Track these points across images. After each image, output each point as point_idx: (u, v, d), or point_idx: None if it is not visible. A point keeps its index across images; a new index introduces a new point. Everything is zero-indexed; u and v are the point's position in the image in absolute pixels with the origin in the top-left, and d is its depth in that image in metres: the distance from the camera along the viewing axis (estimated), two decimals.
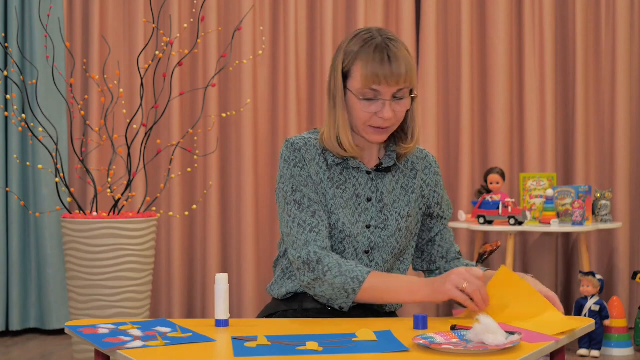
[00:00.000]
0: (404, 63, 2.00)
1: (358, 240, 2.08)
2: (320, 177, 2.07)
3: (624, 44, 5.04)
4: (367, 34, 2.05)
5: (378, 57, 1.99)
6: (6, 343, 4.73)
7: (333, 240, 2.07)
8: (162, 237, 5.06)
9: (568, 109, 5.15)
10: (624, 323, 4.42)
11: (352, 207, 2.09)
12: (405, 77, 2.00)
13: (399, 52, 2.01)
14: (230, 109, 5.04)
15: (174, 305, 5.04)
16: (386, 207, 2.11)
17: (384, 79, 1.98)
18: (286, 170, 2.06)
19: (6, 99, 4.74)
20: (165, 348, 1.69)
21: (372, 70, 1.98)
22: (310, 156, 2.07)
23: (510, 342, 1.63)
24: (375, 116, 2.02)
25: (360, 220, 2.09)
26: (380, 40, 2.02)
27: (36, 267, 4.92)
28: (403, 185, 2.15)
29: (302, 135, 2.12)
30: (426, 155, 2.21)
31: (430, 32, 5.08)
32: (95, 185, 4.22)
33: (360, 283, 1.96)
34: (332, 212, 2.06)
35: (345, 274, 1.96)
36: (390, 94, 2.01)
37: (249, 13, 4.97)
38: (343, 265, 1.98)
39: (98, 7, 4.99)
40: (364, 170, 2.11)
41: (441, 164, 5.13)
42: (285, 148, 2.08)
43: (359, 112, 2.03)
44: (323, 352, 1.63)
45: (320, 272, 1.98)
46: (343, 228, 2.06)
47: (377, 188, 2.11)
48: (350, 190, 2.09)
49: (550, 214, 4.60)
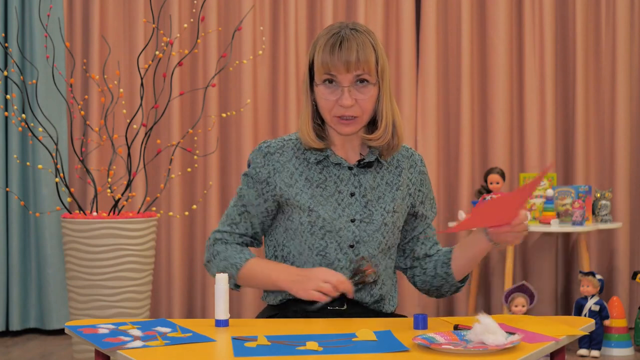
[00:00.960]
0: (356, 50, 2.02)
1: (341, 235, 2.09)
2: (294, 178, 2.10)
3: (624, 44, 5.04)
4: (336, 27, 2.08)
5: (330, 44, 2.03)
6: (6, 343, 4.73)
7: (314, 238, 2.08)
8: (162, 237, 5.06)
9: (568, 109, 5.15)
10: (624, 323, 4.42)
11: (333, 203, 2.10)
12: (357, 63, 2.01)
13: (356, 40, 2.03)
14: (230, 109, 5.04)
15: (174, 305, 5.04)
16: (370, 203, 2.11)
17: (332, 65, 2.02)
18: (249, 170, 2.14)
19: (6, 99, 4.74)
20: (165, 348, 1.70)
21: (323, 57, 2.03)
22: (285, 158, 2.11)
23: (510, 342, 1.63)
24: (337, 105, 2.04)
25: (343, 215, 2.09)
26: (340, 30, 2.05)
27: (36, 267, 4.92)
28: (388, 181, 2.15)
29: (284, 137, 2.16)
30: (412, 154, 2.21)
31: (430, 32, 5.08)
32: (95, 185, 4.22)
33: (237, 270, 2.10)
34: (311, 210, 2.08)
35: (227, 259, 2.12)
36: (347, 80, 2.03)
37: (249, 13, 4.97)
38: (228, 251, 2.13)
39: (98, 7, 4.99)
40: (345, 166, 2.12)
41: (441, 164, 5.13)
42: (255, 151, 2.14)
43: (321, 100, 2.06)
44: (323, 352, 1.63)
45: (211, 255, 2.16)
46: (323, 224, 2.08)
47: (360, 183, 2.12)
48: (331, 187, 2.11)
49: (550, 214, 4.60)
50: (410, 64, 5.09)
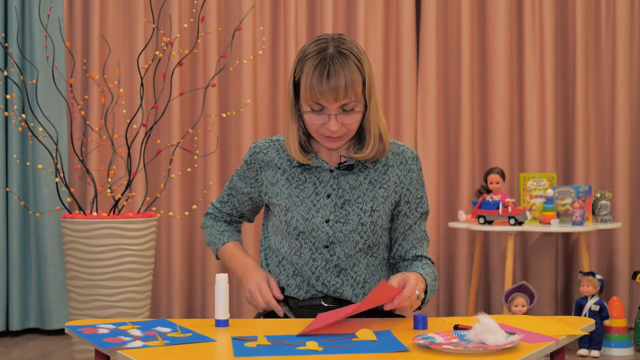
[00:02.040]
0: (344, 78, 2.01)
1: (315, 235, 2.11)
2: (277, 178, 2.17)
3: (624, 44, 5.04)
4: (322, 43, 2.06)
5: (318, 73, 2.02)
6: (6, 343, 4.73)
7: (289, 238, 2.13)
8: (162, 237, 5.06)
9: (568, 109, 5.15)
10: (624, 323, 4.42)
11: (308, 204, 2.13)
12: (345, 92, 2.01)
13: (343, 66, 2.02)
14: (230, 109, 5.04)
15: (174, 305, 5.04)
16: (348, 203, 2.12)
17: (321, 95, 2.02)
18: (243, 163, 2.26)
19: (6, 99, 4.74)
20: (165, 348, 1.70)
21: (311, 86, 2.02)
22: (269, 158, 2.19)
23: (510, 342, 1.63)
24: (323, 127, 2.06)
25: (317, 216, 2.11)
26: (327, 53, 2.03)
27: (36, 267, 4.92)
28: (372, 180, 2.15)
29: (272, 138, 2.24)
30: (403, 150, 2.19)
31: (430, 32, 5.08)
32: (95, 185, 4.22)
33: (216, 249, 2.32)
34: (288, 210, 2.14)
35: (212, 235, 2.34)
36: (334, 108, 2.04)
37: (249, 13, 4.97)
38: (213, 227, 2.34)
39: (98, 7, 4.99)
40: (326, 168, 2.14)
41: (441, 164, 5.13)
42: (248, 151, 2.25)
43: (308, 123, 2.09)
44: (323, 352, 1.63)
45: (204, 225, 2.39)
46: (297, 225, 2.12)
47: (339, 185, 2.14)
48: (309, 189, 2.14)
49: (550, 214, 4.60)
50: (410, 64, 5.09)
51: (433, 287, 2.14)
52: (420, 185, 2.20)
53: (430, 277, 2.12)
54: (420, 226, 2.20)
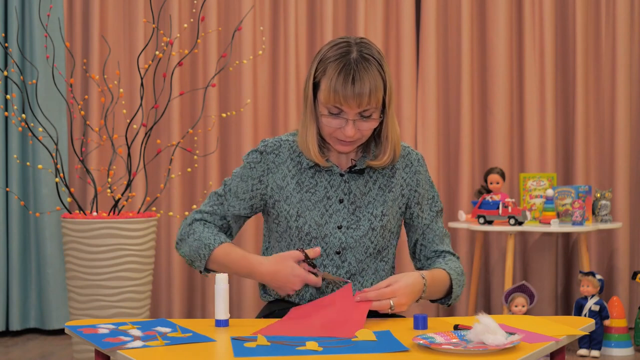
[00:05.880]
0: (368, 84, 1.99)
1: (327, 242, 2.10)
2: (287, 181, 2.12)
3: (624, 44, 5.04)
4: (344, 47, 2.05)
5: (342, 77, 2.00)
6: (6, 343, 4.73)
7: (301, 243, 2.10)
8: (162, 237, 5.06)
9: (568, 109, 5.15)
10: (624, 323, 4.42)
11: (321, 209, 2.11)
12: (369, 99, 2.00)
13: (367, 72, 2.00)
14: (230, 109, 5.04)
15: (174, 305, 5.04)
16: (359, 209, 2.12)
17: (344, 100, 2.00)
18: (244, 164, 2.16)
19: (6, 99, 4.74)
20: (165, 348, 1.70)
21: (334, 90, 2.00)
22: (280, 160, 2.13)
23: (510, 342, 1.63)
24: (339, 130, 2.05)
25: (330, 222, 2.10)
26: (351, 58, 2.02)
27: (36, 267, 4.92)
28: (380, 185, 2.15)
29: (281, 136, 2.17)
30: (408, 152, 2.19)
31: (430, 32, 5.08)
32: (95, 185, 4.23)
33: (210, 250, 2.09)
34: (299, 216, 2.10)
35: (201, 239, 2.11)
36: (354, 113, 2.02)
37: (249, 13, 4.97)
38: (204, 232, 2.12)
39: (98, 7, 4.99)
40: (337, 172, 2.13)
41: (441, 164, 5.13)
42: (254, 150, 2.16)
43: (323, 125, 2.06)
44: (323, 352, 1.63)
45: (185, 234, 2.16)
46: (309, 230, 2.10)
47: (350, 190, 2.13)
48: (320, 193, 2.12)
49: (550, 214, 4.60)
50: (410, 64, 5.09)
51: (460, 281, 2.14)
52: (430, 185, 2.21)
53: (457, 272, 2.13)
54: (438, 224, 2.21)
